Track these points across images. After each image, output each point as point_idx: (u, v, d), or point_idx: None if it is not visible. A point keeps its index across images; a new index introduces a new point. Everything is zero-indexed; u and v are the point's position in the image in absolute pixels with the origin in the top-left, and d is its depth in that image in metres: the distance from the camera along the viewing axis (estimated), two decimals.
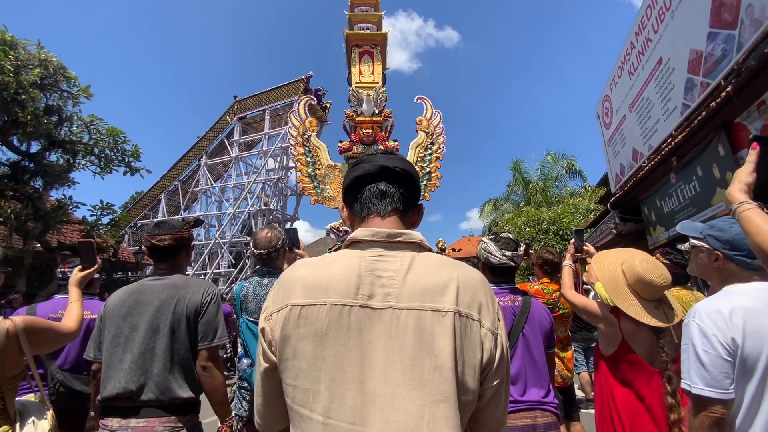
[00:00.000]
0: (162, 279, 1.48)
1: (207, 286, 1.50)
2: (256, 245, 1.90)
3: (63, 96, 6.86)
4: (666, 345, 1.38)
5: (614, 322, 1.48)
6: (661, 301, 1.42)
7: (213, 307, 1.46)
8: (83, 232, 7.94)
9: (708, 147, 4.02)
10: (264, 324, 0.67)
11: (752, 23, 2.92)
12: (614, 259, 1.54)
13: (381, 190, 0.74)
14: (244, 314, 1.86)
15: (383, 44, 6.70)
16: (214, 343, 1.42)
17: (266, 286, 1.84)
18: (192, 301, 1.42)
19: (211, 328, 1.42)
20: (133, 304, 1.41)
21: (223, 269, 18.29)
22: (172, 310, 1.39)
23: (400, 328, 0.61)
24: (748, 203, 0.86)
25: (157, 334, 1.36)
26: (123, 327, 1.38)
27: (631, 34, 5.50)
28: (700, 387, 1.00)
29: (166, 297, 1.41)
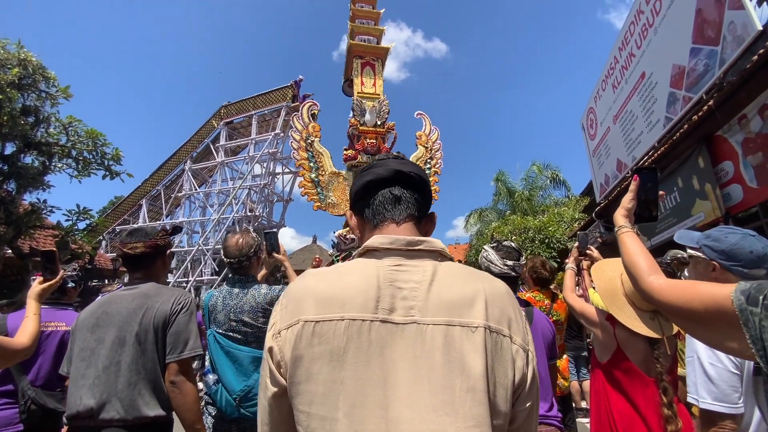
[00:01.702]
0: (133, 289, 1.40)
1: (179, 295, 1.41)
2: (227, 253, 1.76)
3: (41, 96, 6.62)
4: (661, 355, 1.37)
5: (609, 329, 1.48)
6: (657, 312, 1.41)
7: (183, 317, 1.36)
8: (57, 238, 7.60)
9: (689, 159, 4.15)
10: (272, 343, 0.59)
11: (734, 40, 3.04)
12: (614, 268, 1.54)
13: (395, 195, 0.69)
14: (212, 325, 1.72)
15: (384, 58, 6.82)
16: (184, 355, 1.32)
17: (237, 296, 1.71)
18: (161, 311, 1.32)
19: (180, 339, 1.32)
20: (102, 316, 1.32)
21: (206, 277, 17.83)
22: (139, 321, 1.30)
23: (426, 345, 0.55)
24: (625, 227, 0.97)
25: (123, 347, 1.27)
26: (89, 340, 1.29)
27: (615, 49, 5.67)
28: (709, 402, 0.99)
29: (134, 307, 1.32)
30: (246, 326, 1.66)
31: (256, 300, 1.67)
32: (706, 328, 0.65)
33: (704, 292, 0.65)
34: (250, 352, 1.63)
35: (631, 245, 0.93)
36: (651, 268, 0.84)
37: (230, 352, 1.63)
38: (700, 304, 0.64)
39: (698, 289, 0.67)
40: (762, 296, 0.55)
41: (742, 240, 1.13)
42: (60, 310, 2.13)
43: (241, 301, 1.68)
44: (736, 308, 0.58)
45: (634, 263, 0.88)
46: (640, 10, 4.67)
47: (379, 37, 7.07)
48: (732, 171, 3.51)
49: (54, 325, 2.03)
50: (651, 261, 0.87)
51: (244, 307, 1.67)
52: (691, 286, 0.69)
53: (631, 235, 0.96)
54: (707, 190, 3.88)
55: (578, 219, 11.09)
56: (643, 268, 0.85)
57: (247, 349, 1.63)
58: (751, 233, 1.15)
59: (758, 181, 3.22)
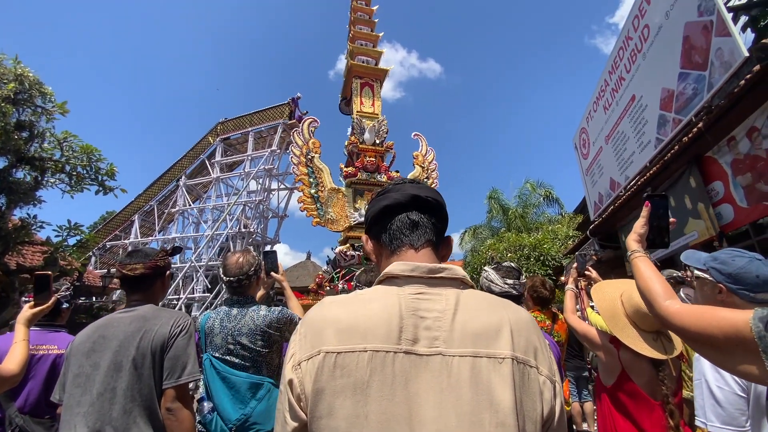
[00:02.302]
0: (131, 311, 1.35)
1: (178, 317, 1.36)
2: (226, 271, 1.70)
3: (36, 112, 6.62)
4: (666, 378, 1.36)
5: (613, 351, 1.46)
6: (660, 333, 1.41)
7: (182, 340, 1.31)
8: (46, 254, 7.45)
9: (680, 179, 4.23)
10: (291, 374, 0.57)
11: (722, 65, 3.16)
12: (614, 289, 1.54)
13: (413, 221, 0.68)
14: (208, 349, 1.63)
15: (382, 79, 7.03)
16: (181, 380, 1.26)
17: (235, 318, 1.63)
18: (159, 334, 1.28)
19: (178, 363, 1.27)
20: (98, 340, 1.27)
21: (198, 294, 17.50)
22: (136, 345, 1.25)
23: (452, 378, 0.53)
24: (638, 252, 1.00)
25: (119, 372, 1.22)
26: (85, 365, 1.24)
27: (605, 72, 5.85)
28: (717, 425, 0.98)
29: (132, 330, 1.28)
30: (244, 350, 1.59)
31: (255, 322, 1.61)
32: (724, 353, 0.65)
33: (723, 317, 0.65)
34: (247, 378, 1.56)
35: (645, 269, 0.94)
36: (666, 293, 0.84)
37: (227, 378, 1.56)
38: (719, 329, 0.64)
39: (716, 315, 0.67)
40: None
41: (749, 264, 1.13)
42: (52, 332, 2.03)
43: (240, 323, 1.62)
44: (755, 335, 0.58)
45: (649, 288, 0.89)
46: (628, 36, 4.85)
47: (378, 59, 7.31)
48: (722, 191, 3.58)
49: (45, 349, 1.95)
50: (665, 285, 0.87)
51: (242, 329, 1.61)
52: (709, 312, 0.69)
53: (645, 260, 0.97)
54: (700, 210, 3.95)
55: (572, 236, 11.18)
56: (658, 292, 0.85)
57: (244, 375, 1.56)
58: (758, 257, 1.16)
59: (748, 201, 3.28)
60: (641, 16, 4.48)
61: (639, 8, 4.51)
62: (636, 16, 4.59)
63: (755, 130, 3.11)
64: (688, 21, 3.59)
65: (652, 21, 4.25)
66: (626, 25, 4.88)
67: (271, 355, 1.65)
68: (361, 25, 7.76)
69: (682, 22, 3.68)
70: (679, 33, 3.72)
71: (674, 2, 3.80)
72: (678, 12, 3.75)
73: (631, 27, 4.72)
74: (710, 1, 3.30)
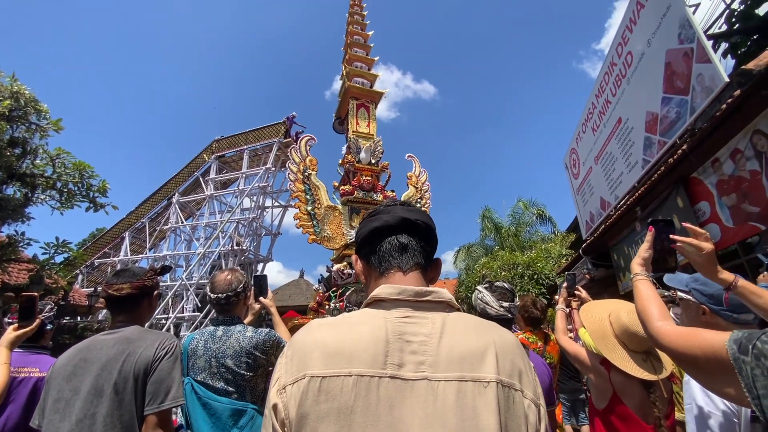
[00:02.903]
0: (115, 333, 1.31)
1: (164, 339, 1.32)
2: (213, 288, 1.67)
3: (30, 128, 6.62)
4: (657, 400, 1.35)
5: (604, 373, 1.45)
6: (649, 353, 1.41)
7: (167, 363, 1.26)
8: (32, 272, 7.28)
9: (668, 199, 4.31)
10: (276, 399, 0.56)
11: (703, 90, 3.28)
12: (602, 310, 1.55)
13: (402, 243, 0.69)
14: (190, 372, 1.55)
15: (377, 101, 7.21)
16: (164, 406, 1.21)
17: (220, 339, 1.57)
18: (142, 357, 1.24)
19: (162, 387, 1.22)
20: (79, 363, 1.23)
21: (188, 313, 17.09)
22: (118, 368, 1.20)
23: (438, 403, 0.53)
24: (641, 275, 1.02)
25: (100, 398, 1.17)
26: (65, 390, 1.19)
27: (592, 96, 6.05)
28: None
29: (114, 353, 1.23)
30: (228, 373, 1.52)
31: (241, 344, 1.56)
32: (707, 374, 0.66)
33: (704, 339, 0.67)
34: (230, 404, 1.49)
35: (644, 291, 0.97)
36: (661, 314, 0.87)
37: (208, 404, 1.48)
38: (701, 351, 0.66)
39: (699, 336, 0.69)
40: (751, 345, 0.57)
41: None
42: (34, 354, 1.96)
43: (225, 344, 1.56)
44: (730, 357, 0.59)
45: (646, 309, 0.91)
46: (613, 62, 5.04)
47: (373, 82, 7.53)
48: (709, 211, 3.66)
49: (27, 371, 1.88)
50: (662, 307, 0.89)
51: (227, 351, 1.55)
52: (694, 334, 0.71)
53: (645, 283, 0.99)
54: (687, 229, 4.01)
55: (565, 255, 11.22)
56: (653, 313, 0.88)
57: (226, 401, 1.49)
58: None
59: (734, 221, 3.35)
60: (624, 44, 4.68)
61: (622, 36, 4.71)
62: (619, 43, 4.79)
63: (738, 152, 3.21)
64: (669, 48, 3.75)
65: (634, 48, 4.44)
66: (610, 52, 5.08)
67: (255, 379, 1.58)
68: (357, 48, 8.00)
69: (664, 50, 3.84)
70: (661, 60, 3.88)
71: (655, 30, 3.98)
72: (659, 40, 3.92)
73: (615, 53, 4.92)
74: (690, 29, 3.47)
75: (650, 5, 4.08)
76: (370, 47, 8.19)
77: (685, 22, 3.53)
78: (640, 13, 4.29)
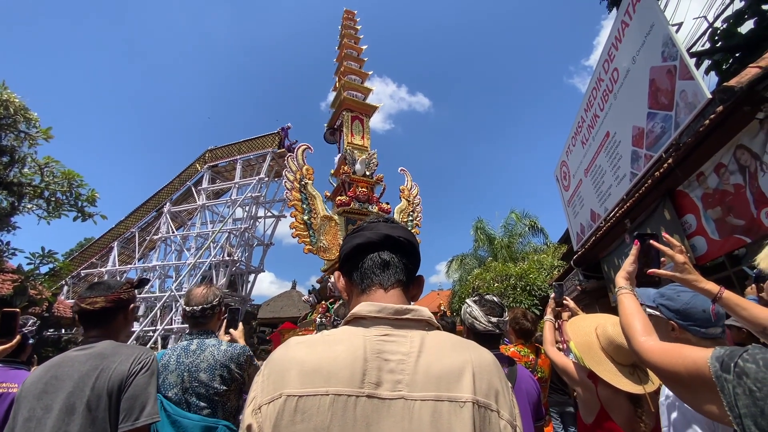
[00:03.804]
0: (88, 348, 1.26)
1: (139, 353, 1.27)
2: (189, 301, 1.64)
3: (19, 137, 6.55)
4: (644, 414, 1.34)
5: (591, 387, 1.45)
6: (636, 367, 1.41)
7: (142, 378, 1.22)
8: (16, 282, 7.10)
9: (656, 211, 4.38)
10: (251, 419, 0.55)
11: (686, 106, 3.37)
12: (589, 323, 1.55)
13: (384, 260, 0.69)
14: (161, 389, 1.48)
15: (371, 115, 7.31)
16: (139, 423, 1.16)
17: (194, 353, 1.53)
18: (117, 372, 1.19)
19: (137, 404, 1.18)
20: (50, 380, 1.18)
21: (176, 325, 16.75)
22: (91, 385, 1.16)
23: (414, 423, 0.52)
24: (625, 289, 1.02)
25: (72, 416, 1.13)
26: (36, 408, 1.14)
27: (581, 110, 6.17)
28: None
29: (87, 369, 1.19)
30: (201, 387, 1.48)
31: (215, 357, 1.52)
32: (690, 392, 0.66)
33: (686, 356, 0.66)
34: (200, 421, 1.44)
35: (628, 306, 0.96)
36: (645, 330, 0.86)
37: (177, 422, 1.42)
38: (684, 368, 0.65)
39: (681, 353, 0.68)
40: (733, 363, 0.57)
41: (693, 299, 1.15)
42: (13, 369, 1.90)
43: (198, 358, 1.52)
44: (712, 375, 0.59)
45: (630, 323, 0.91)
46: (600, 78, 5.17)
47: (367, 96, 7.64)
48: (695, 224, 3.71)
49: (5, 387, 1.82)
50: (646, 322, 0.89)
51: (200, 365, 1.50)
52: (677, 350, 0.70)
53: (630, 297, 0.99)
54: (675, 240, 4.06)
55: (557, 266, 11.28)
56: (637, 328, 0.87)
57: (197, 418, 1.44)
58: None
59: (719, 233, 3.41)
60: (611, 60, 4.80)
61: (608, 53, 4.84)
62: (606, 60, 4.92)
63: (722, 166, 3.28)
64: (653, 65, 3.86)
65: (620, 65, 4.56)
66: (598, 68, 5.21)
67: (228, 395, 1.54)
68: (351, 61, 8.12)
69: (648, 67, 3.95)
70: (646, 76, 3.99)
71: (640, 48, 4.10)
72: (644, 57, 4.03)
73: (602, 69, 5.04)
74: (673, 47, 3.57)
75: (635, 24, 4.21)
76: (363, 61, 8.33)
77: (668, 40, 3.64)
78: (625, 31, 4.43)
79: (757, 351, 0.57)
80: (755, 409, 0.52)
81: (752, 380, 0.54)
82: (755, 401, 0.53)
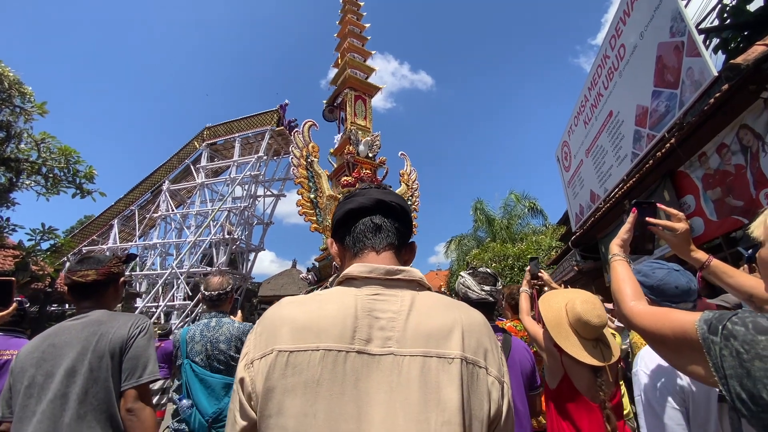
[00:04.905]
0: (83, 317, 1.33)
1: (136, 320, 1.36)
2: (207, 287, 2.02)
3: (15, 112, 6.45)
4: (604, 383, 1.44)
5: (557, 356, 1.54)
6: (599, 341, 1.50)
7: (142, 341, 1.30)
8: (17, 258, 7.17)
9: (655, 192, 4.38)
10: (243, 373, 0.57)
11: (692, 84, 3.31)
12: (561, 299, 1.63)
13: (376, 224, 0.70)
14: (189, 355, 1.88)
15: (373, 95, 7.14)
16: (142, 380, 1.26)
17: (214, 329, 1.91)
18: (117, 336, 1.27)
19: (139, 363, 1.27)
20: (48, 349, 1.24)
21: (178, 302, 17.01)
22: (92, 348, 1.23)
23: (402, 377, 0.54)
24: (618, 256, 1.02)
25: (73, 378, 1.20)
26: (36, 375, 1.21)
27: (584, 89, 6.06)
28: None
29: (86, 335, 1.25)
30: (221, 355, 1.85)
31: (231, 332, 1.90)
32: (676, 353, 0.68)
33: (675, 319, 0.68)
34: (221, 379, 1.82)
35: (620, 272, 0.97)
36: (634, 295, 0.88)
37: (204, 380, 1.81)
38: (671, 330, 0.67)
39: (669, 316, 0.70)
40: (721, 326, 0.58)
41: (667, 276, 1.20)
42: (14, 338, 2.01)
43: (217, 332, 1.90)
44: (699, 337, 0.60)
45: (620, 289, 0.92)
46: (606, 55, 5.04)
47: (369, 75, 7.44)
48: (693, 205, 3.72)
49: (9, 354, 1.91)
50: (636, 288, 0.90)
51: (220, 338, 1.88)
52: (665, 313, 0.72)
53: (622, 263, 0.99)
54: None
55: (555, 247, 11.37)
56: (627, 293, 0.89)
57: (219, 376, 1.82)
58: (675, 268, 1.23)
59: (717, 214, 3.42)
60: (617, 36, 4.68)
61: (616, 28, 4.71)
62: (613, 35, 4.79)
63: (725, 146, 3.25)
64: (661, 41, 3.76)
65: (627, 41, 4.44)
66: (604, 44, 5.08)
67: None
68: (353, 38, 7.86)
69: (656, 42, 3.85)
70: (653, 53, 3.89)
71: (648, 23, 3.98)
72: (652, 33, 3.92)
73: (609, 46, 4.92)
74: (681, 23, 3.48)
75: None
76: (366, 39, 8.07)
77: (677, 15, 3.54)
78: (634, 5, 4.29)
79: (746, 314, 0.58)
80: (741, 371, 0.54)
81: (740, 342, 0.55)
82: (741, 363, 0.54)
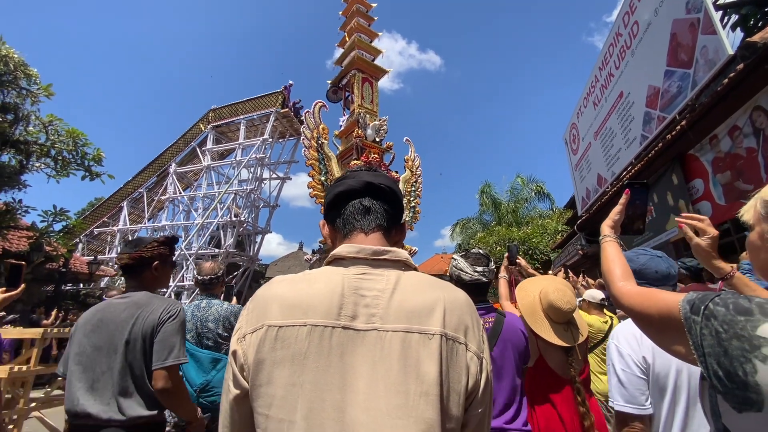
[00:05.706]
0: (126, 297, 1.47)
1: (169, 305, 1.47)
2: (200, 272, 2.17)
3: (21, 94, 6.47)
4: (573, 361, 1.61)
5: (533, 339, 1.66)
6: (570, 323, 1.66)
7: (170, 326, 1.42)
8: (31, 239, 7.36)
9: (663, 176, 4.31)
10: (236, 346, 0.61)
11: (706, 63, 3.20)
12: (536, 287, 1.75)
13: (365, 206, 0.72)
14: None
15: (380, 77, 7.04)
16: (167, 363, 1.36)
17: (204, 309, 2.06)
18: (150, 320, 1.40)
19: (165, 347, 1.38)
20: (97, 323, 1.40)
21: (188, 282, 17.40)
22: (129, 329, 1.37)
23: (384, 351, 0.57)
24: (609, 237, 1.03)
25: (115, 354, 1.35)
26: (86, 345, 1.38)
27: (595, 68, 5.89)
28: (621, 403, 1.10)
29: (126, 316, 1.40)
30: (210, 333, 2.02)
31: (219, 313, 2.06)
32: (660, 333, 0.70)
33: (660, 299, 0.70)
34: (209, 354, 1.97)
35: (610, 253, 0.98)
36: (623, 275, 0.89)
37: (194, 354, 1.94)
38: (656, 310, 0.69)
39: (655, 296, 0.72)
40: (704, 306, 0.59)
41: (650, 261, 1.25)
42: None
43: (207, 312, 2.05)
44: (682, 316, 0.62)
45: (610, 269, 0.93)
46: (618, 33, 4.88)
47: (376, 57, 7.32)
48: (702, 188, 3.66)
49: None
50: (625, 268, 0.92)
51: (209, 317, 2.04)
52: (652, 294, 0.74)
53: (613, 244, 1.00)
54: (681, 207, 4.04)
55: (561, 231, 11.32)
56: (616, 274, 0.90)
57: (207, 352, 1.98)
58: (658, 254, 1.29)
59: (726, 198, 3.37)
60: (631, 12, 4.51)
61: (630, 4, 4.53)
62: (626, 12, 4.62)
63: (737, 128, 3.18)
64: (676, 18, 3.62)
65: (641, 17, 4.28)
66: (617, 21, 4.91)
67: (229, 339, 1.87)
68: (360, 18, 7.67)
69: (670, 19, 3.71)
70: (667, 30, 3.76)
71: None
72: (666, 9, 3.78)
73: (622, 23, 4.75)
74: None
75: None
76: (373, 19, 7.88)
77: None
78: None
79: (728, 296, 0.59)
80: (719, 349, 0.56)
81: (719, 322, 0.57)
82: (720, 342, 0.56)
